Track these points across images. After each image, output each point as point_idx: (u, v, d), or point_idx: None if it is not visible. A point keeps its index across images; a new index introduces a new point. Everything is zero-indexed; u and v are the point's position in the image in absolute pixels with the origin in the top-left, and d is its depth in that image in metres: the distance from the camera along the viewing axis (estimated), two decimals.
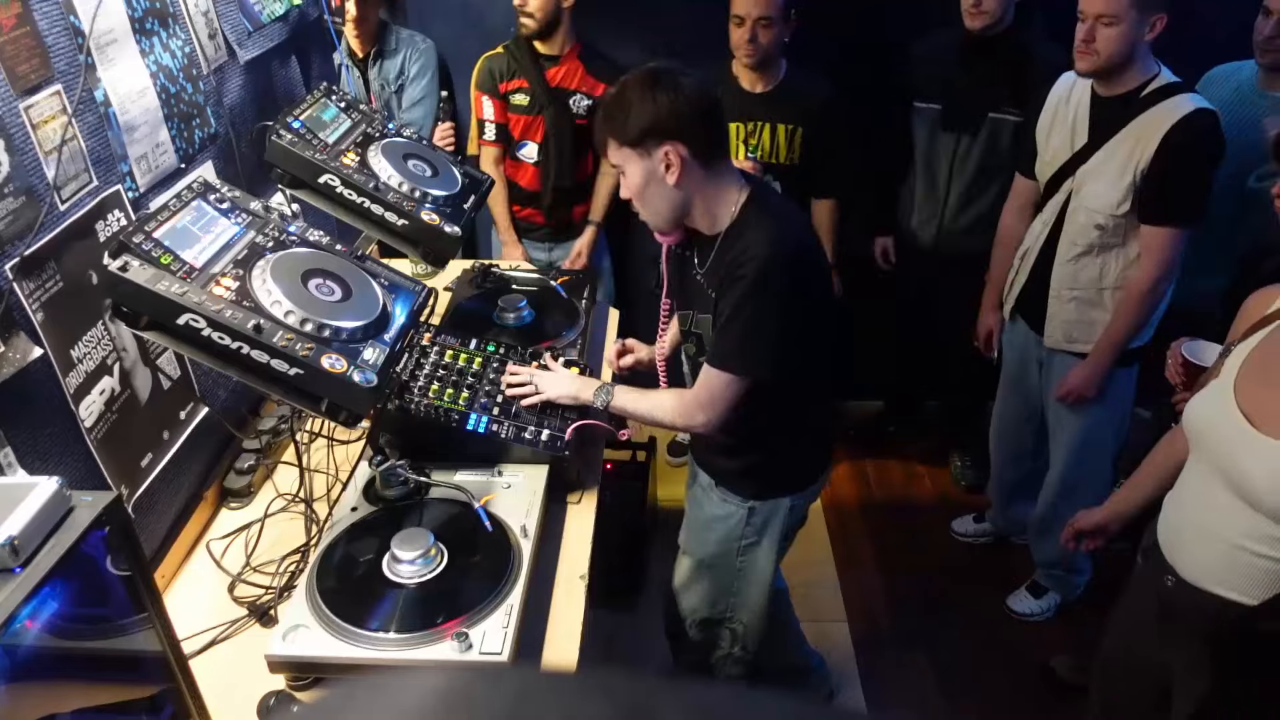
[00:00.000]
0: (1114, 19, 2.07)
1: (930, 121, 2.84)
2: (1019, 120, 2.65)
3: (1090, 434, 2.51)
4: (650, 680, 0.30)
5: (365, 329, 1.43)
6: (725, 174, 1.67)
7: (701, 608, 2.10)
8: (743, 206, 1.66)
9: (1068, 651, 2.60)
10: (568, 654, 1.43)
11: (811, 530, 3.14)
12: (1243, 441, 1.40)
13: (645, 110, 1.56)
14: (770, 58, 2.71)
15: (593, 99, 2.86)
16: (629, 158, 1.61)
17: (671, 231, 1.73)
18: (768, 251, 1.59)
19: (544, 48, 2.85)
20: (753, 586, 2.02)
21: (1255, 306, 1.57)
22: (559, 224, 3.06)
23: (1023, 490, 2.83)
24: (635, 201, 1.68)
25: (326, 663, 1.30)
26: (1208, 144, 2.12)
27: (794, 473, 1.95)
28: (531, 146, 2.94)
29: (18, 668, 0.88)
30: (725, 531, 1.96)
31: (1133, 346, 2.36)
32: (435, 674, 0.31)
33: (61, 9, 1.33)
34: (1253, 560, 1.42)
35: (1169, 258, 2.20)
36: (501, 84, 2.89)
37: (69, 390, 1.31)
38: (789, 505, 1.94)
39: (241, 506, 1.74)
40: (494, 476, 1.65)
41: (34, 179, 1.26)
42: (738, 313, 1.62)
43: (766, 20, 2.61)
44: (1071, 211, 2.32)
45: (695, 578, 2.09)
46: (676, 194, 1.63)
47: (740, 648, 2.13)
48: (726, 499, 1.94)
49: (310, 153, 1.71)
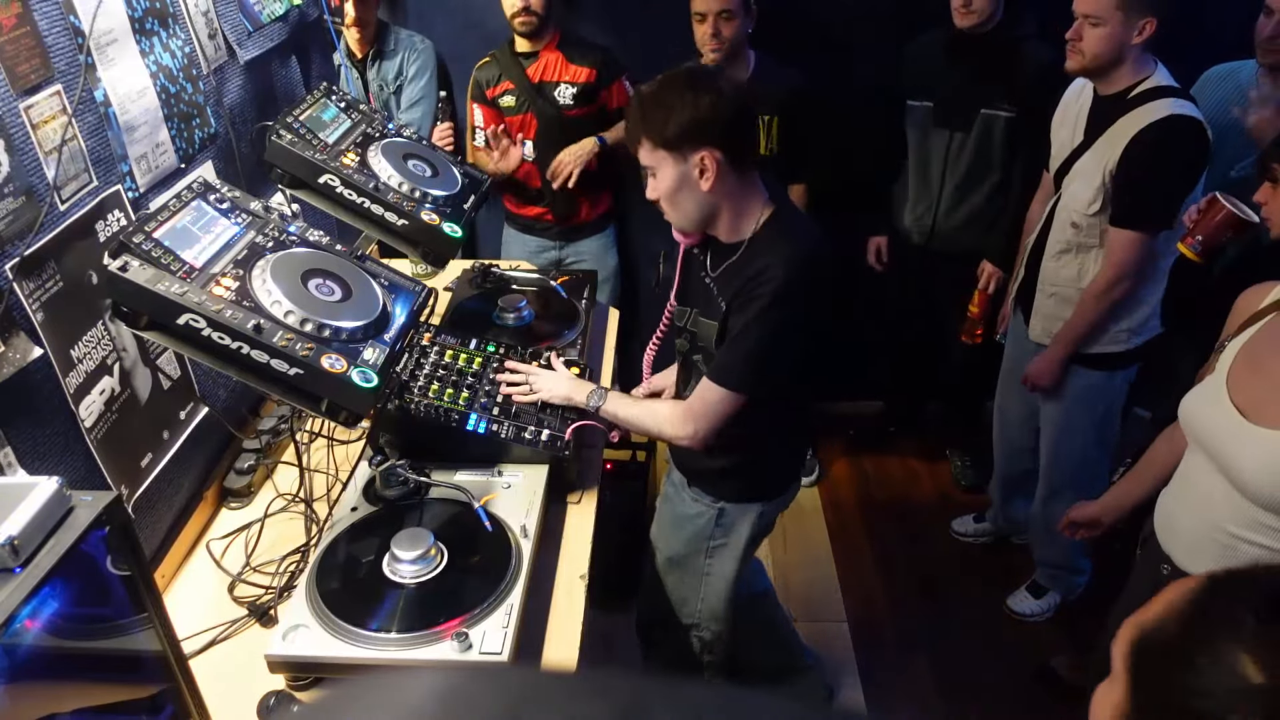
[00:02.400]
0: (1100, 20, 2.08)
1: (922, 119, 2.84)
2: (1011, 116, 2.66)
3: (1070, 436, 2.52)
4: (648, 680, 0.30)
5: (365, 329, 1.43)
6: (753, 184, 1.66)
7: (669, 610, 2.10)
8: (766, 221, 1.65)
9: (1068, 651, 2.60)
10: (568, 654, 1.43)
11: (811, 530, 3.15)
12: (1234, 431, 1.44)
13: (685, 113, 1.53)
14: (735, 51, 2.71)
15: (577, 86, 2.87)
16: (663, 160, 1.58)
17: (694, 234, 1.72)
18: (785, 274, 1.57)
19: (523, 45, 2.86)
20: (718, 591, 2.01)
21: (1245, 303, 1.60)
22: (565, 218, 3.04)
23: (1022, 488, 2.84)
24: (663, 203, 1.65)
25: (326, 663, 1.30)
26: (1179, 150, 2.10)
27: (768, 479, 1.95)
28: (528, 145, 2.95)
29: (18, 668, 0.88)
30: (695, 531, 1.96)
31: (1113, 352, 2.35)
32: (435, 674, 0.31)
33: (61, 9, 1.33)
34: (1245, 549, 1.45)
35: (1129, 260, 2.19)
36: (488, 90, 2.92)
37: (69, 390, 1.31)
38: (759, 511, 1.93)
39: (241, 506, 1.74)
40: (494, 476, 1.65)
41: (34, 179, 1.26)
42: (747, 332, 1.62)
43: (728, 13, 2.62)
44: (1058, 210, 2.33)
45: (664, 574, 2.09)
46: (708, 199, 1.61)
47: (708, 654, 2.12)
48: (698, 499, 1.94)
49: (310, 153, 1.71)
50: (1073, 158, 2.29)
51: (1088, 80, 2.28)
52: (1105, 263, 2.24)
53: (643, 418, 1.77)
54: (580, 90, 2.87)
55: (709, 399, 1.68)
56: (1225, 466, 1.46)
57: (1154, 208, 2.16)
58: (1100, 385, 2.41)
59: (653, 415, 1.76)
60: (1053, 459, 2.59)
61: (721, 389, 1.66)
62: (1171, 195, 2.14)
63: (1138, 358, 2.37)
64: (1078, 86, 2.35)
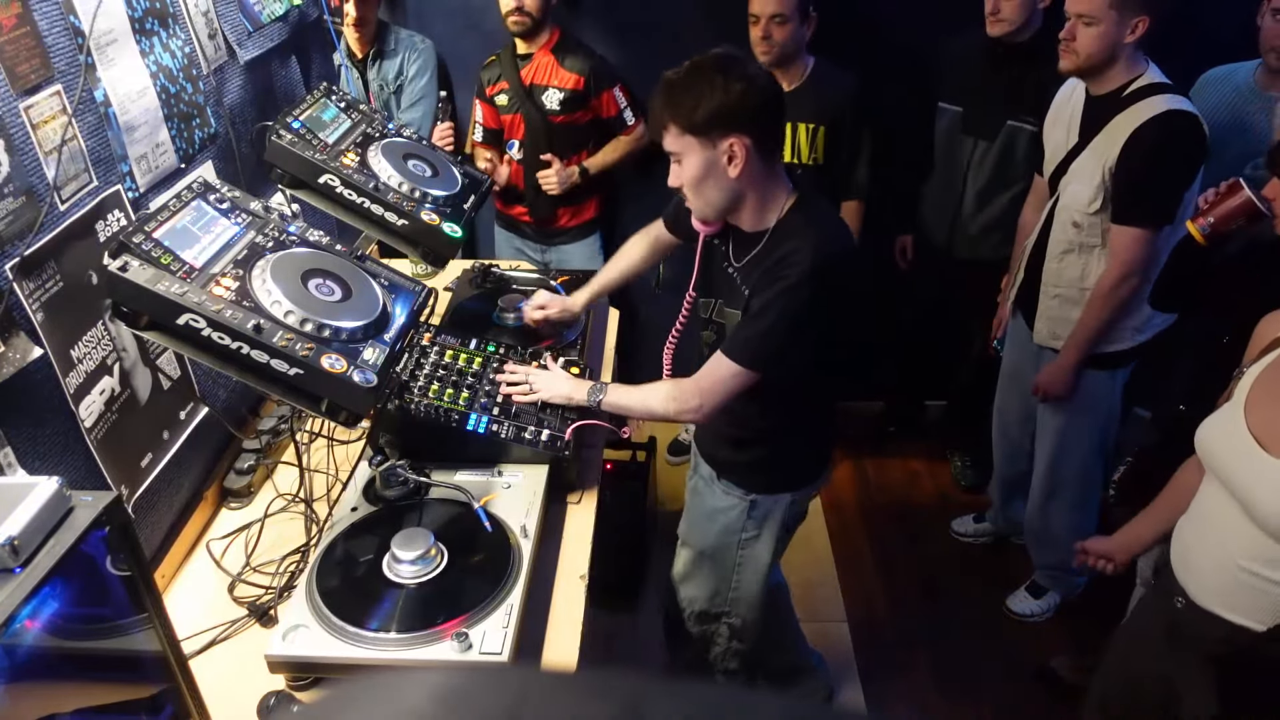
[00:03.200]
0: (1093, 19, 2.09)
1: (951, 123, 2.83)
2: (1036, 130, 2.63)
3: (1068, 438, 2.52)
4: (648, 680, 0.30)
5: (365, 329, 1.43)
6: (778, 174, 1.66)
7: (699, 599, 2.11)
8: (790, 209, 1.65)
9: (1068, 651, 2.60)
10: (568, 654, 1.43)
11: (811, 530, 3.15)
12: (1249, 462, 1.39)
13: (715, 98, 1.51)
14: (789, 56, 2.69)
15: (565, 92, 2.86)
16: (690, 146, 1.57)
17: (716, 223, 1.71)
18: (812, 259, 1.56)
19: (522, 46, 2.87)
20: (751, 580, 2.03)
21: (1266, 329, 1.56)
22: (541, 221, 3.07)
23: (1022, 489, 2.83)
24: (687, 190, 1.64)
25: (326, 663, 1.30)
26: (1178, 145, 2.10)
27: (798, 469, 1.95)
28: (515, 144, 2.99)
29: (18, 668, 0.88)
30: (726, 524, 1.97)
31: (1117, 350, 2.35)
32: (435, 674, 0.31)
33: (61, 9, 1.33)
34: (1262, 585, 1.41)
35: (1133, 258, 2.19)
36: (488, 88, 2.95)
37: (69, 390, 1.31)
38: (790, 500, 1.94)
39: (241, 506, 1.74)
40: (494, 476, 1.65)
41: (34, 179, 1.26)
42: (765, 310, 1.61)
43: (781, 18, 2.60)
44: (1057, 211, 2.33)
45: (694, 569, 2.10)
46: (734, 187, 1.60)
47: (737, 641, 2.14)
48: (729, 491, 1.94)
49: (310, 153, 1.71)
50: (1068, 159, 2.29)
51: (1079, 81, 2.28)
52: (1110, 261, 2.24)
53: (647, 401, 1.74)
54: (567, 96, 2.86)
55: (719, 374, 1.65)
56: (1240, 497, 1.41)
57: (1155, 203, 2.16)
58: (1101, 384, 2.41)
59: (656, 395, 1.73)
60: (1051, 461, 2.58)
61: (734, 364, 1.64)
62: (1172, 190, 2.15)
63: (1136, 356, 2.37)
64: (1069, 88, 2.35)
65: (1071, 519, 2.61)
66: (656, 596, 2.71)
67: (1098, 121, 2.21)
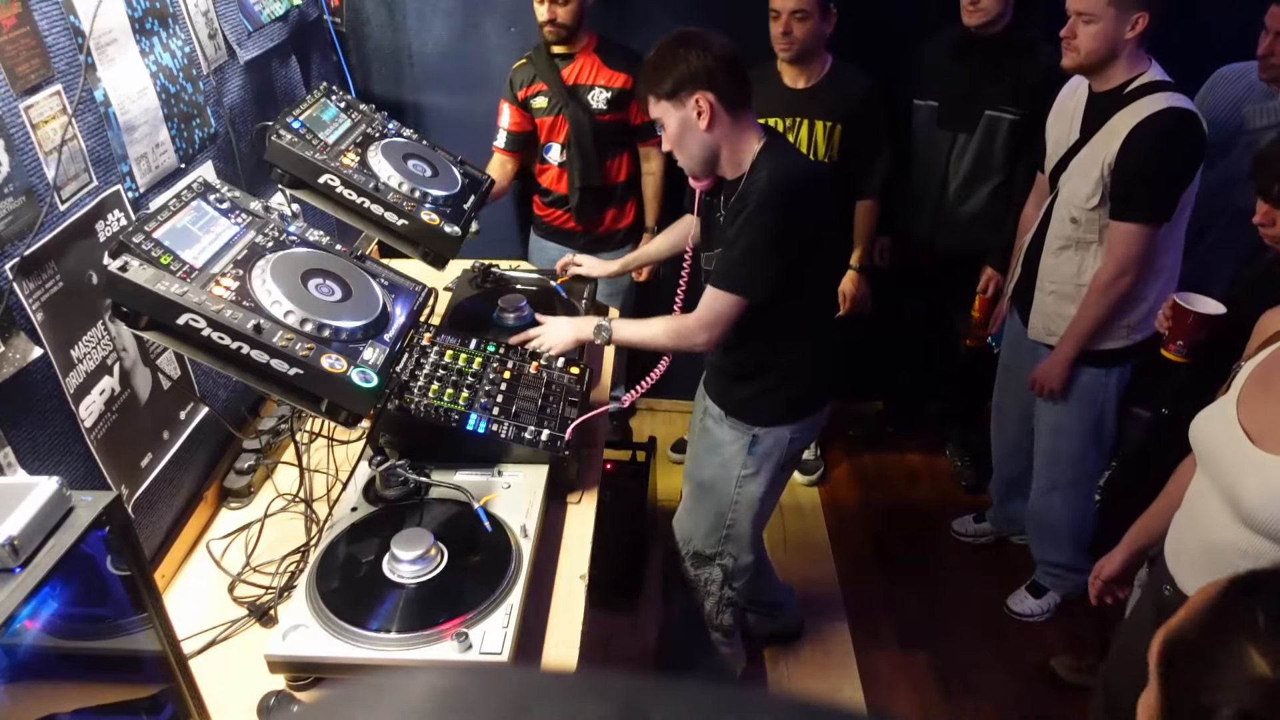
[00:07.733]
0: (1093, 16, 2.10)
1: (928, 118, 2.84)
2: (1015, 118, 2.66)
3: (1062, 436, 2.52)
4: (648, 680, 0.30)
5: (365, 329, 1.43)
6: (748, 124, 1.84)
7: (696, 537, 2.23)
8: (760, 152, 1.83)
9: (1068, 651, 2.61)
10: (568, 654, 1.43)
11: (811, 530, 3.15)
12: (1239, 456, 1.39)
13: (678, 65, 1.75)
14: (809, 52, 2.68)
15: (612, 91, 2.81)
16: (667, 110, 1.80)
17: (705, 177, 1.90)
18: (768, 182, 1.76)
19: (560, 48, 2.81)
20: (745, 518, 2.15)
21: (1266, 324, 1.57)
22: (590, 227, 2.98)
23: (1021, 487, 2.83)
24: (675, 149, 1.85)
25: (326, 663, 1.30)
26: (1177, 143, 2.11)
27: (797, 401, 2.05)
28: (555, 148, 2.90)
29: (18, 668, 0.88)
30: (727, 457, 2.10)
31: (1112, 348, 2.35)
32: (435, 674, 0.31)
33: (61, 9, 1.33)
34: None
35: (1130, 254, 2.20)
36: (520, 91, 2.85)
37: (69, 390, 1.31)
38: (789, 436, 2.06)
39: (241, 506, 1.74)
40: (494, 476, 1.65)
41: (34, 179, 1.26)
42: (738, 237, 1.79)
43: (801, 13, 2.59)
44: (1056, 206, 2.34)
45: (694, 503, 2.22)
46: (709, 138, 1.81)
47: (729, 587, 2.27)
48: (734, 427, 2.07)
49: (310, 153, 1.71)
50: (1069, 155, 2.30)
51: (1083, 78, 2.29)
52: (1107, 257, 2.24)
53: (656, 335, 1.90)
54: (615, 95, 2.81)
55: (714, 305, 1.83)
56: (1227, 490, 1.41)
57: (1154, 200, 2.17)
58: (1096, 382, 2.41)
59: (665, 328, 1.89)
60: (1048, 457, 2.59)
61: (723, 293, 1.81)
62: (1170, 187, 2.16)
63: (1133, 355, 2.37)
64: (1073, 85, 2.36)
65: (1070, 513, 2.62)
66: (656, 597, 2.71)
67: (1099, 118, 2.22)
